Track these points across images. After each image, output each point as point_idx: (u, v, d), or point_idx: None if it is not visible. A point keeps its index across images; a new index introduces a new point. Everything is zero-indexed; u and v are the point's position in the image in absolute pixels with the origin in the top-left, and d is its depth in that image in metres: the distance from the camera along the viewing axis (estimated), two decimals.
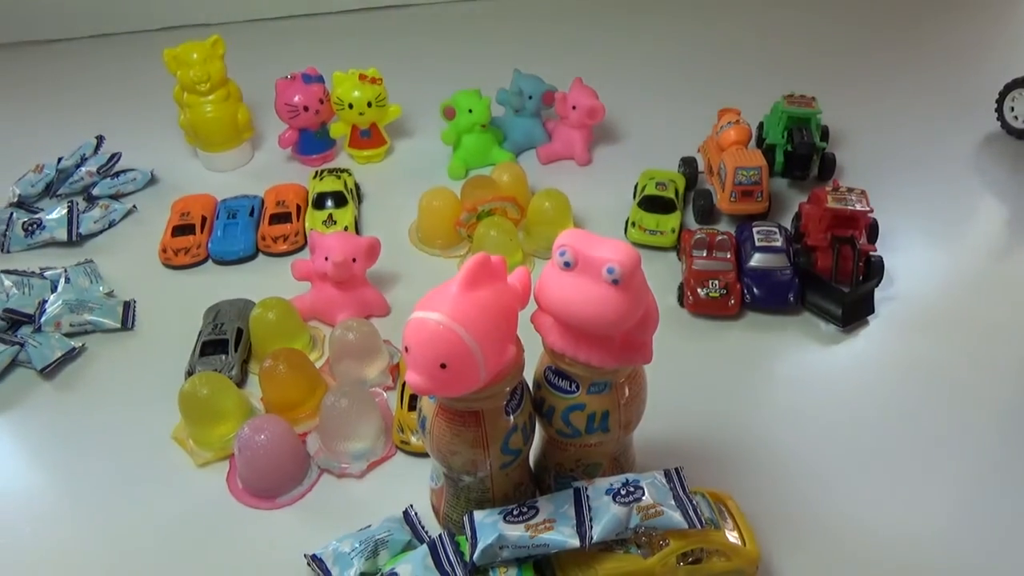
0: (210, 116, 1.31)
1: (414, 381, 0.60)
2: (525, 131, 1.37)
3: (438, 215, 1.17)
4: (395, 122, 1.39)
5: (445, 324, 0.58)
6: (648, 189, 1.20)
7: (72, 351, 1.01)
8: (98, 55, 1.75)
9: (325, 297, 1.04)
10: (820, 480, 0.85)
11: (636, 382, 0.71)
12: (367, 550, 0.75)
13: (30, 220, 1.20)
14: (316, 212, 1.21)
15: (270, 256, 1.18)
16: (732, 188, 1.15)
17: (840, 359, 1.00)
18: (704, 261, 1.08)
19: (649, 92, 1.54)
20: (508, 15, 1.87)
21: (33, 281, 1.10)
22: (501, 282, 0.64)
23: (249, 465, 0.84)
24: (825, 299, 1.04)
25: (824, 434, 0.90)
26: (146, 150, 1.38)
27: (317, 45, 1.76)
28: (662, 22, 1.81)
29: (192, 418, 0.89)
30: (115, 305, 1.08)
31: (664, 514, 0.68)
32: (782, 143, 1.25)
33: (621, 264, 0.59)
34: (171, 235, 1.18)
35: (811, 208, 1.12)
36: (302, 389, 0.93)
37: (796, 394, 0.96)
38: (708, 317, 1.05)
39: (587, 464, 0.75)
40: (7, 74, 1.69)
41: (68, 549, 0.82)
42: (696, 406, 0.93)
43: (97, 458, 0.90)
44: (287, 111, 1.31)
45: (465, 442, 0.68)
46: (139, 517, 0.84)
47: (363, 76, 1.30)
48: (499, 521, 0.69)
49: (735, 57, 1.67)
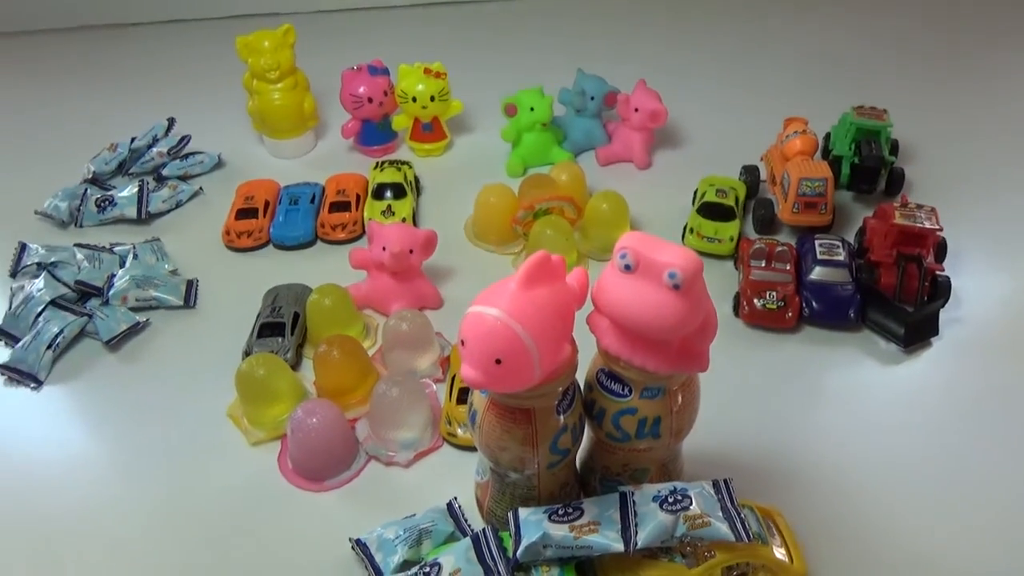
0: (277, 104, 1.34)
1: (468, 375, 0.60)
2: (585, 131, 1.37)
3: (495, 211, 1.17)
4: (456, 117, 1.40)
5: (503, 320, 0.59)
6: (708, 196, 1.19)
7: (137, 325, 1.05)
8: (174, 40, 1.80)
9: (381, 287, 1.05)
10: (872, 503, 0.83)
11: (690, 390, 0.70)
12: (411, 539, 0.76)
13: (103, 197, 1.24)
14: (375, 202, 1.23)
15: (328, 243, 1.20)
16: (795, 199, 1.12)
17: (899, 380, 0.98)
18: (762, 272, 1.06)
19: (713, 98, 1.52)
20: (575, 14, 1.86)
21: (103, 256, 1.14)
22: (560, 281, 0.64)
23: (300, 447, 0.86)
24: (887, 317, 1.01)
25: (878, 456, 0.88)
26: (214, 134, 1.42)
27: (385, 38, 1.78)
28: (730, 28, 1.79)
29: (247, 397, 0.92)
30: (179, 283, 1.11)
31: (711, 525, 0.67)
32: (849, 155, 1.22)
33: (683, 269, 0.59)
34: (235, 218, 1.21)
35: (877, 223, 1.09)
36: (354, 376, 0.94)
37: (851, 413, 0.94)
38: (763, 329, 1.04)
39: (635, 469, 0.75)
40: (88, 55, 1.75)
41: (120, 514, 0.85)
42: (747, 418, 0.92)
43: (154, 430, 0.93)
44: (352, 102, 1.33)
45: (514, 439, 0.68)
46: (191, 489, 0.87)
47: (428, 70, 1.32)
48: (544, 520, 0.69)
49: (804, 66, 1.63)
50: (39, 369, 0.99)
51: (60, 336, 1.01)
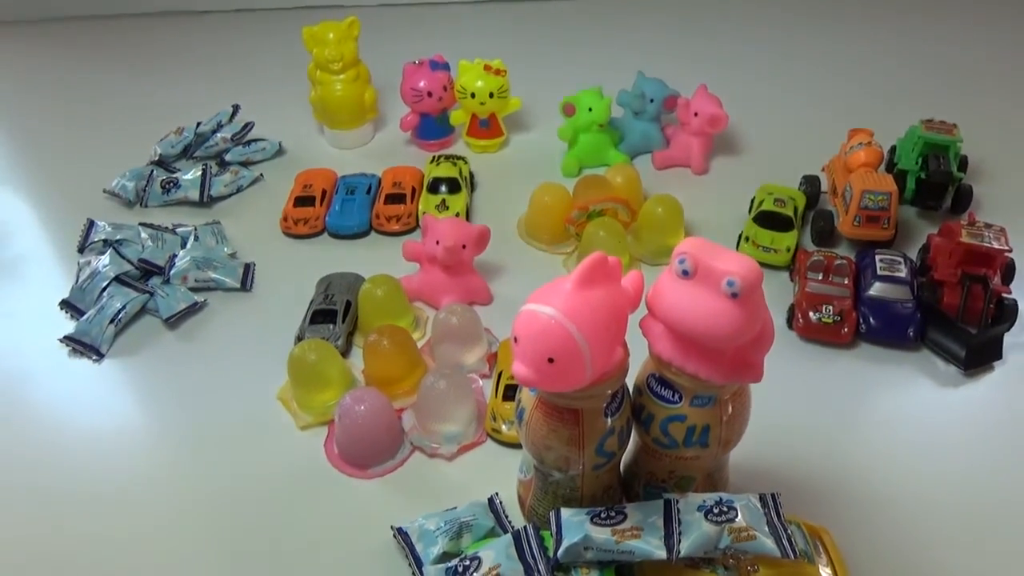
0: (339, 94, 1.36)
1: (520, 372, 0.60)
2: (643, 134, 1.36)
3: (548, 210, 1.17)
4: (514, 114, 1.40)
5: (557, 319, 0.58)
6: (765, 204, 1.17)
7: (195, 305, 1.08)
8: (243, 29, 1.85)
9: (432, 280, 1.06)
10: (923, 527, 0.81)
11: (741, 400, 0.69)
12: (451, 531, 0.76)
13: (168, 179, 1.28)
14: (430, 196, 1.24)
15: (382, 234, 1.22)
16: (857, 212, 1.10)
17: (958, 404, 0.95)
18: (819, 284, 1.04)
19: (775, 106, 1.50)
20: (639, 17, 1.85)
21: (166, 236, 1.18)
22: (615, 284, 0.63)
23: (347, 433, 0.87)
24: (948, 338, 0.98)
25: (932, 480, 0.86)
26: (277, 122, 1.45)
27: (447, 33, 1.79)
28: (796, 36, 1.75)
29: (298, 381, 0.93)
30: (236, 266, 1.14)
31: (757, 539, 0.66)
32: (915, 170, 1.19)
33: (743, 278, 0.58)
34: (293, 205, 1.24)
35: (942, 241, 1.06)
36: (403, 366, 0.95)
37: (905, 434, 0.91)
38: (818, 342, 1.02)
39: (680, 477, 0.74)
40: (159, 42, 1.81)
41: (167, 487, 0.88)
42: (797, 432, 0.90)
43: (206, 407, 0.96)
44: (411, 95, 1.35)
45: (561, 439, 0.68)
46: (238, 468, 0.89)
47: (488, 67, 1.32)
48: (586, 522, 0.69)
49: (871, 77, 1.59)
50: (101, 342, 1.03)
51: (122, 311, 1.04)
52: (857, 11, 1.82)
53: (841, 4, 1.85)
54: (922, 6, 1.82)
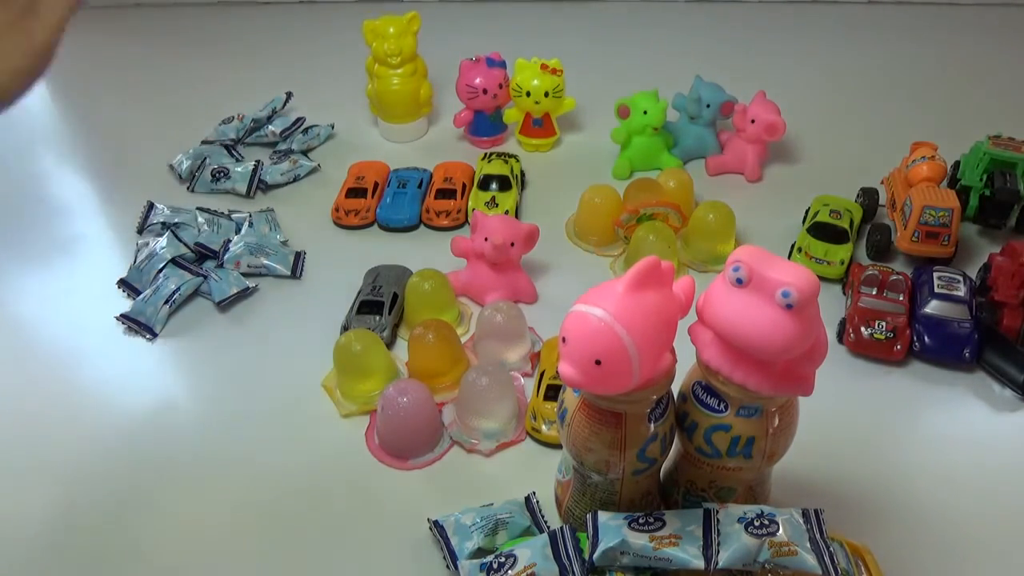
0: (395, 88, 1.37)
1: (567, 373, 0.60)
2: (697, 139, 1.34)
3: (598, 212, 1.16)
4: (568, 115, 1.39)
5: (607, 322, 0.58)
6: (821, 215, 1.15)
7: (246, 290, 1.10)
8: (304, 19, 1.87)
9: (479, 276, 1.07)
10: (966, 552, 0.79)
11: (788, 413, 0.68)
12: (487, 527, 0.77)
13: (219, 168, 1.30)
14: (480, 192, 1.24)
15: (431, 229, 1.23)
16: (916, 227, 1.07)
17: (1013, 429, 0.92)
18: (872, 299, 1.01)
19: (835, 116, 1.46)
20: (697, 22, 1.83)
21: (222, 221, 1.20)
22: (667, 288, 0.63)
23: (388, 423, 0.88)
24: (1007, 361, 0.95)
25: (981, 506, 0.83)
26: (332, 113, 1.47)
27: (505, 31, 1.79)
28: (860, 45, 1.71)
29: (343, 370, 0.95)
30: (288, 254, 1.16)
31: (798, 555, 0.65)
32: (979, 186, 1.15)
33: (799, 289, 0.57)
34: (345, 196, 1.25)
35: (1005, 261, 1.02)
36: (446, 360, 0.96)
37: (956, 457, 0.88)
38: (868, 359, 0.99)
39: (721, 487, 0.73)
40: (223, 30, 1.84)
41: (210, 467, 0.89)
42: (842, 448, 0.88)
43: (253, 390, 0.98)
44: (467, 92, 1.35)
45: (603, 441, 0.68)
46: (280, 452, 0.90)
47: (545, 66, 1.32)
48: (624, 526, 0.68)
49: (936, 90, 1.55)
50: (155, 322, 1.06)
51: (177, 293, 1.07)
52: (925, 23, 1.77)
53: (909, 16, 1.80)
54: (994, 23, 1.76)
